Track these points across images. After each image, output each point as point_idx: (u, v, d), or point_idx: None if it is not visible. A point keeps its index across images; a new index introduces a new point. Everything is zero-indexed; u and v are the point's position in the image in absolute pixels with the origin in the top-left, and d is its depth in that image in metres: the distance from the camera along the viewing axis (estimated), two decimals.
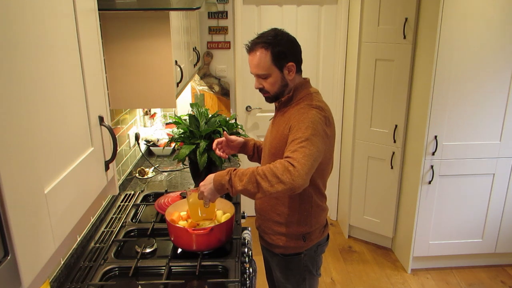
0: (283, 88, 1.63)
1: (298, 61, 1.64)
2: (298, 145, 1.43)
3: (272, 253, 1.79)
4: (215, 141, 1.80)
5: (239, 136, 1.93)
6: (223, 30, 3.37)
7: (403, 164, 3.07)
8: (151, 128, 2.96)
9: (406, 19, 2.78)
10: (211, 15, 3.32)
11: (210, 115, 2.18)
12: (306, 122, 1.48)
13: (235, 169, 1.47)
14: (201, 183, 1.53)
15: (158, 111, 3.14)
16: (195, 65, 2.80)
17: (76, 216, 0.87)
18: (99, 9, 1.06)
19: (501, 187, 2.87)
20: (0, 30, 0.60)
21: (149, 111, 2.95)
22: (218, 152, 1.80)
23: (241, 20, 3.34)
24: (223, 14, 3.33)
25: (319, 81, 3.56)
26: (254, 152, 1.88)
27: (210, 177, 1.51)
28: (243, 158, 2.58)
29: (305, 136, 1.44)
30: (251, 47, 1.59)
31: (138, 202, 2.11)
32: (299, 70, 1.65)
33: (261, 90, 1.65)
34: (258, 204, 1.79)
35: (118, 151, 1.69)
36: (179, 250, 1.68)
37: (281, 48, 1.56)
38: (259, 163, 1.90)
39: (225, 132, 1.81)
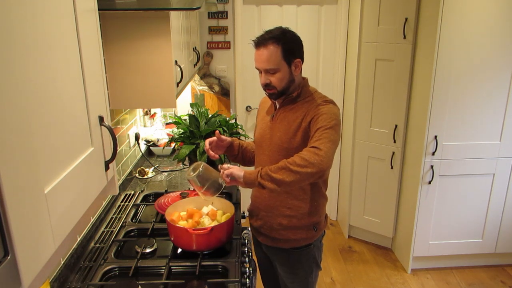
0: (290, 83, 1.65)
1: (303, 59, 1.67)
2: (322, 132, 1.53)
3: (279, 249, 1.78)
4: (207, 141, 1.74)
5: (239, 136, 1.93)
6: (223, 30, 3.36)
7: (403, 164, 3.07)
8: (151, 128, 2.96)
9: (406, 19, 2.78)
10: (211, 15, 3.32)
11: (210, 115, 2.18)
12: (329, 114, 1.58)
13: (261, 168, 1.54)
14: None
15: (158, 111, 3.14)
16: (195, 65, 2.80)
17: (76, 216, 0.87)
18: (99, 9, 1.06)
19: (501, 187, 2.87)
20: (0, 30, 0.60)
21: (149, 111, 2.95)
22: (210, 152, 1.72)
23: (241, 20, 3.34)
24: (223, 14, 3.33)
25: (319, 81, 3.55)
26: (239, 152, 1.86)
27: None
28: None
29: (330, 124, 1.55)
30: (261, 42, 1.60)
31: (138, 202, 2.11)
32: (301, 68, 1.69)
33: (268, 85, 1.64)
34: (264, 202, 1.76)
35: (118, 151, 1.69)
36: (179, 250, 1.68)
37: (290, 45, 1.61)
38: (242, 163, 1.90)
39: (217, 131, 1.77)
